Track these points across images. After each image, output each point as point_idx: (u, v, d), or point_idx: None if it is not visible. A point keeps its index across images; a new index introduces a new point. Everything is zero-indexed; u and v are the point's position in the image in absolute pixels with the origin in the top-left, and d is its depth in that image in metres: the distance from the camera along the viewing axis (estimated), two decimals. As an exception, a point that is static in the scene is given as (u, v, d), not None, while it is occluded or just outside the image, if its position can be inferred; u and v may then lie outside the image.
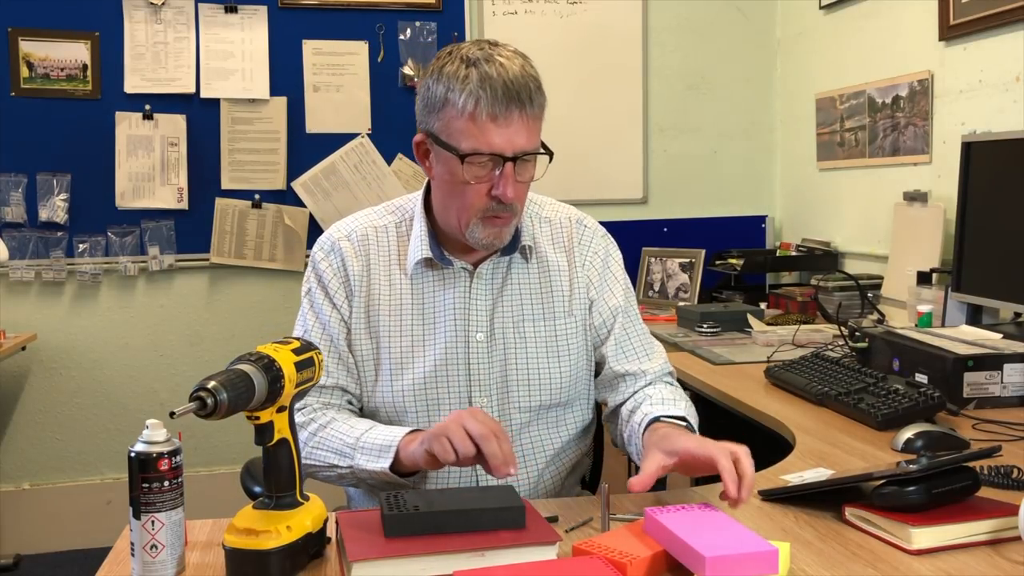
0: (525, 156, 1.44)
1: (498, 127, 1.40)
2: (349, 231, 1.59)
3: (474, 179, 1.43)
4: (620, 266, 1.67)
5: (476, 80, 1.39)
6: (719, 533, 1.12)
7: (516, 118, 1.40)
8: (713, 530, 1.13)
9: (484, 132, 1.40)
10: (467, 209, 1.46)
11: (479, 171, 1.42)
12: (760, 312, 3.05)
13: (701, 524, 1.15)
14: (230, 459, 3.60)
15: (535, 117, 1.44)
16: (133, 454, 1.10)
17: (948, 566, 1.13)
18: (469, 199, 1.44)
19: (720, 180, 3.90)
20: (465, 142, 1.41)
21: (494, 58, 1.41)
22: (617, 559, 1.10)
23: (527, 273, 1.59)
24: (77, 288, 3.51)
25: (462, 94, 1.39)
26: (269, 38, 3.54)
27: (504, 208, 1.45)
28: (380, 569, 1.08)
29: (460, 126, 1.41)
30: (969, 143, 2.41)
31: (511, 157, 1.42)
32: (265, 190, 3.58)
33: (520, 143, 1.42)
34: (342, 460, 1.44)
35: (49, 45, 3.41)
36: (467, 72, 1.40)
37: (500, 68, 1.40)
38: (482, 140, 1.40)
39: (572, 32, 3.74)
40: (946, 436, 1.61)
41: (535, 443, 1.58)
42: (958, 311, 2.45)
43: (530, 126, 1.43)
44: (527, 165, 1.46)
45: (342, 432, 1.46)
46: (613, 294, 1.63)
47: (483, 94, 1.38)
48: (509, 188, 1.42)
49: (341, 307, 1.55)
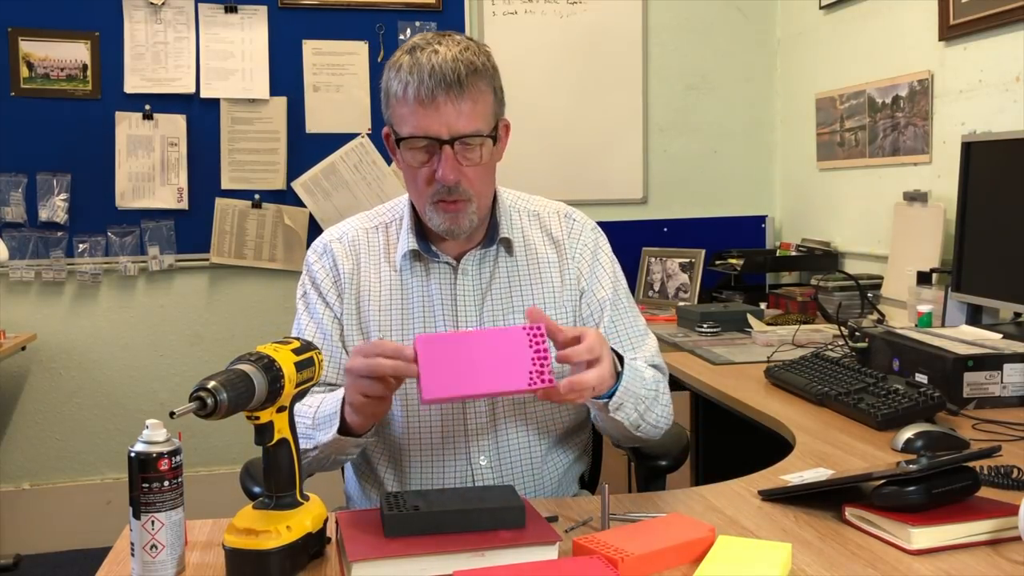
0: (463, 139, 1.45)
1: (427, 110, 1.43)
2: (341, 234, 1.63)
3: (416, 163, 1.47)
4: (610, 258, 1.67)
5: (407, 67, 1.44)
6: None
7: (443, 102, 1.43)
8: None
9: (415, 116, 1.44)
10: (419, 195, 1.51)
11: (419, 155, 1.46)
12: (760, 312, 3.05)
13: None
14: (230, 459, 3.60)
15: (471, 99, 1.44)
16: (133, 454, 1.10)
17: (948, 566, 1.13)
18: (418, 184, 1.49)
19: (720, 180, 3.90)
20: (404, 127, 1.46)
21: (431, 45, 1.45)
22: (612, 555, 1.10)
23: (515, 267, 1.59)
24: (77, 288, 3.51)
25: (396, 81, 1.45)
26: (269, 38, 3.54)
27: (451, 191, 1.47)
28: (380, 569, 1.09)
29: (399, 112, 1.46)
30: (969, 143, 2.42)
31: (447, 140, 1.44)
32: (265, 190, 3.58)
33: (459, 125, 1.44)
34: (309, 443, 1.43)
35: (49, 45, 3.41)
36: (402, 60, 1.45)
37: (432, 54, 1.43)
38: (415, 124, 1.44)
39: (572, 32, 3.74)
40: (946, 436, 1.61)
41: (530, 434, 1.57)
42: (958, 311, 2.45)
43: (464, 109, 1.44)
44: (472, 147, 1.46)
45: (303, 416, 1.45)
46: (602, 286, 1.63)
47: (411, 79, 1.43)
48: (448, 171, 1.44)
49: (333, 305, 1.58)
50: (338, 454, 1.46)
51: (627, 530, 1.20)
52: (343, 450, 1.44)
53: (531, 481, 1.58)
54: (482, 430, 1.54)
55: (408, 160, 1.48)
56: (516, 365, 1.26)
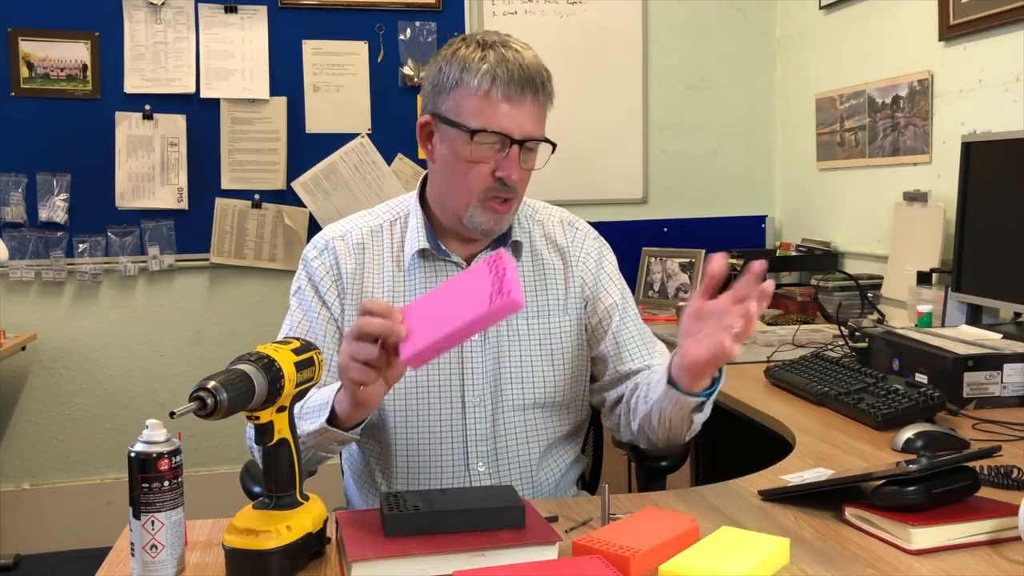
0: (532, 141, 1.47)
1: (511, 107, 1.44)
2: (344, 231, 1.59)
3: (480, 158, 1.45)
4: (614, 266, 1.67)
5: (493, 60, 1.44)
6: None
7: (529, 102, 1.45)
8: None
9: (496, 111, 1.43)
10: (468, 190, 1.48)
11: (486, 150, 1.45)
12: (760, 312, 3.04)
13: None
14: (230, 459, 3.60)
15: (544, 104, 1.49)
16: (133, 454, 1.10)
17: (948, 566, 1.13)
18: (472, 179, 1.47)
19: (720, 180, 3.90)
20: (475, 120, 1.44)
21: (509, 43, 1.47)
22: (619, 553, 1.10)
23: (521, 271, 1.59)
24: (77, 288, 3.51)
25: (478, 74, 1.43)
26: (269, 38, 3.54)
27: (506, 190, 1.47)
28: (380, 569, 1.08)
29: (472, 104, 1.44)
30: (969, 143, 2.42)
31: (519, 140, 1.45)
32: (265, 190, 3.58)
33: (528, 128, 1.46)
34: None
35: (49, 45, 3.41)
36: (484, 54, 1.45)
37: (516, 53, 1.45)
38: (493, 119, 1.44)
39: (572, 32, 3.74)
40: (946, 436, 1.61)
41: (529, 441, 1.57)
42: (958, 311, 2.45)
43: (539, 113, 1.48)
44: (531, 152, 1.49)
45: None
46: (608, 293, 1.63)
47: (500, 73, 1.43)
48: (514, 170, 1.45)
49: (332, 306, 1.55)
50: (320, 448, 1.38)
51: (619, 529, 1.19)
52: (326, 444, 1.37)
53: (529, 486, 1.58)
54: (481, 436, 1.54)
55: (473, 154, 1.45)
56: (478, 294, 1.19)
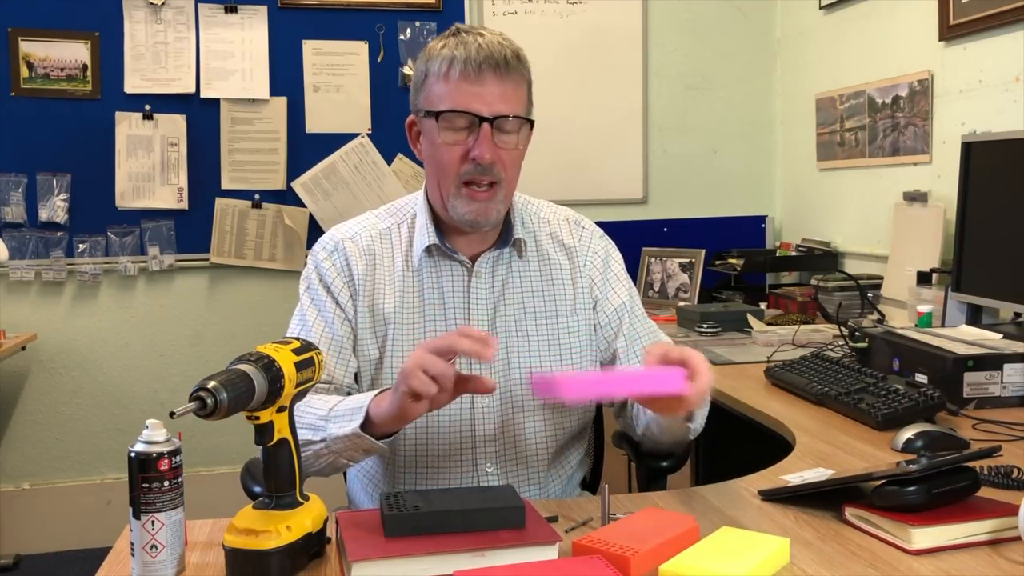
0: (503, 118, 1.45)
1: (471, 86, 1.43)
2: (353, 233, 1.59)
3: (452, 140, 1.45)
4: (621, 266, 1.67)
5: (453, 45, 1.45)
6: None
7: (491, 79, 1.44)
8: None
9: (458, 91, 1.44)
10: (446, 175, 1.47)
11: (457, 133, 1.45)
12: (760, 312, 3.05)
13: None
14: (230, 459, 3.60)
15: (514, 83, 1.46)
16: (133, 454, 1.10)
17: (948, 566, 1.13)
18: (446, 163, 1.47)
19: (720, 180, 3.90)
20: (442, 104, 1.45)
21: (475, 31, 1.48)
22: (619, 552, 1.10)
23: (528, 271, 1.59)
24: (77, 288, 3.51)
25: (438, 60, 1.46)
26: (269, 38, 3.54)
27: (483, 172, 1.45)
28: (380, 569, 1.08)
29: (438, 89, 1.46)
30: (969, 143, 2.41)
31: (488, 118, 1.44)
32: (265, 190, 3.58)
33: (498, 107, 1.44)
34: (316, 434, 1.37)
35: (49, 45, 3.41)
36: (446, 42, 1.47)
37: (479, 37, 1.46)
38: (457, 100, 1.44)
39: (572, 32, 3.74)
40: (946, 436, 1.61)
41: (538, 442, 1.57)
42: (958, 311, 2.45)
43: (509, 92, 1.45)
44: (509, 134, 1.47)
45: (315, 407, 1.40)
46: (616, 293, 1.63)
47: (456, 55, 1.44)
48: (485, 149, 1.44)
49: (345, 306, 1.54)
50: (342, 455, 1.38)
51: (619, 529, 1.19)
52: (351, 451, 1.36)
53: (536, 488, 1.58)
54: (490, 437, 1.54)
55: (443, 137, 1.46)
56: None
